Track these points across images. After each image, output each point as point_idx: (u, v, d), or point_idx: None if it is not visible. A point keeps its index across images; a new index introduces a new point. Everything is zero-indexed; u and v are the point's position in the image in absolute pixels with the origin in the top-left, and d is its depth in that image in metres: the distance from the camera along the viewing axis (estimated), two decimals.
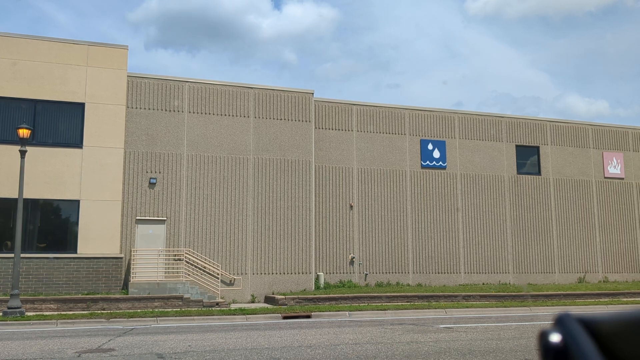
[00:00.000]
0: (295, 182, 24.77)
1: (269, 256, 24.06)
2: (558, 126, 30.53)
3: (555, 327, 0.88)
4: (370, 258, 26.19)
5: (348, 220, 26.11)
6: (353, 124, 26.93)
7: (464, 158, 28.41)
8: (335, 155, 26.40)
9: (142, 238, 22.85)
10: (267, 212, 24.25)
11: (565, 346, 0.84)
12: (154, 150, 23.36)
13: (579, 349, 0.82)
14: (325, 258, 25.56)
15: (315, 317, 18.62)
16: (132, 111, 23.37)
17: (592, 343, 0.83)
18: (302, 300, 21.76)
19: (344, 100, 27.21)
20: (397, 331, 13.10)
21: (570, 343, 0.84)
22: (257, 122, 24.71)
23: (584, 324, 0.86)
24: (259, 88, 25.05)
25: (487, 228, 28.20)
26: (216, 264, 23.05)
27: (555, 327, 0.88)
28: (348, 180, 26.40)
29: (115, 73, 23.30)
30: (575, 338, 0.84)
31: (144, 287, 21.29)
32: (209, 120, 24.18)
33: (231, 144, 24.28)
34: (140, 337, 12.79)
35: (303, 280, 24.27)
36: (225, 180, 24.00)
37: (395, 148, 27.37)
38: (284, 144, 24.91)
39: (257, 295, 23.56)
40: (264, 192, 24.35)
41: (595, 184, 30.55)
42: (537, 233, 29.05)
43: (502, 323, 15.37)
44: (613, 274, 30.01)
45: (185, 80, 24.35)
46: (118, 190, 22.66)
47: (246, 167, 24.31)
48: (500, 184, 28.85)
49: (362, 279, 25.82)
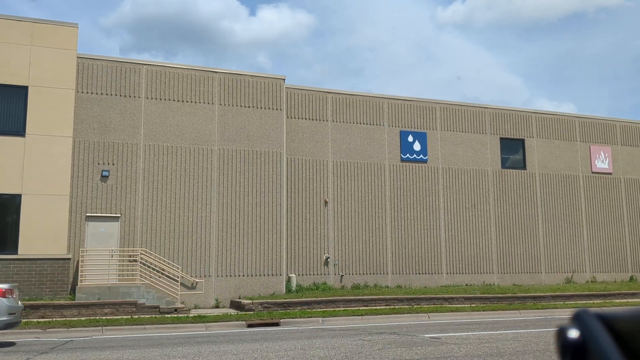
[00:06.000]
0: (264, 176, 22.68)
1: (235, 257, 21.91)
2: (544, 118, 28.95)
3: (573, 323, 0.86)
4: (346, 258, 24.22)
5: (322, 217, 24.10)
6: (328, 113, 24.93)
7: (446, 151, 26.62)
8: (308, 147, 24.37)
9: (93, 237, 20.52)
10: (233, 209, 22.10)
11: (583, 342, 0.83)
12: (106, 140, 21.05)
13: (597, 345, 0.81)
14: (298, 258, 23.50)
15: (285, 324, 16.59)
16: (82, 96, 21.03)
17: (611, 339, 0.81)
18: (271, 305, 19.70)
19: (318, 88, 25.21)
20: (376, 344, 11.10)
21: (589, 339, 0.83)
22: (222, 110, 22.55)
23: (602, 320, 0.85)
24: (224, 73, 22.90)
25: (470, 226, 26.45)
26: (176, 265, 20.83)
27: (573, 323, 0.86)
28: (323, 174, 24.40)
29: (63, 54, 20.93)
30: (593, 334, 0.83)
31: (94, 291, 19.00)
32: (168, 107, 21.94)
33: (194, 133, 22.08)
34: (68, 354, 10.59)
35: (273, 282, 22.18)
36: (187, 174, 21.79)
37: (374, 140, 25.45)
38: (252, 134, 22.78)
39: (221, 299, 21.40)
40: (230, 186, 22.20)
41: (582, 179, 29.04)
42: (523, 231, 27.41)
43: (495, 331, 13.51)
44: (601, 274, 28.52)
45: (142, 62, 22.09)
46: (66, 183, 20.31)
47: (210, 159, 22.14)
48: (484, 179, 27.13)
49: (337, 281, 23.83)
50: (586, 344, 0.83)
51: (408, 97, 26.53)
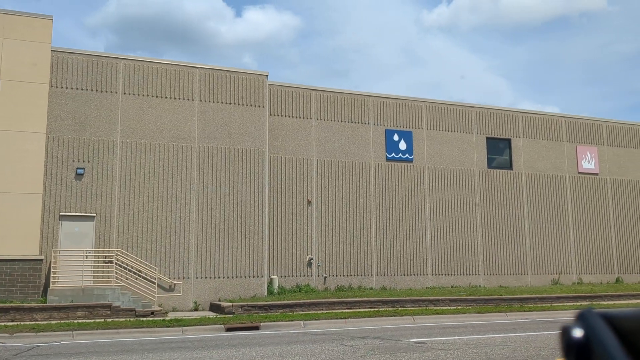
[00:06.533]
0: (246, 175, 22.04)
1: (215, 258, 21.24)
2: (530, 117, 28.62)
3: (578, 322, 0.86)
4: (330, 259, 23.65)
5: (306, 217, 23.51)
6: (312, 111, 24.35)
7: (432, 150, 26.16)
8: (292, 146, 23.77)
9: (67, 237, 19.74)
10: (213, 208, 21.44)
11: (587, 341, 0.83)
12: (82, 136, 20.29)
13: (601, 344, 0.81)
14: (280, 260, 22.89)
15: (265, 328, 15.98)
16: (56, 91, 20.25)
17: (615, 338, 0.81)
18: (252, 308, 19.07)
19: (302, 85, 24.61)
20: (359, 350, 10.54)
21: (593, 338, 0.82)
22: (203, 106, 21.88)
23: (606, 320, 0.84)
24: (205, 68, 22.22)
25: (456, 226, 26.01)
26: (153, 267, 20.11)
27: (577, 322, 0.86)
28: (306, 173, 23.82)
29: (37, 47, 20.14)
30: (597, 333, 0.82)
31: (66, 294, 18.23)
32: (147, 103, 21.23)
33: (173, 130, 21.38)
34: None
35: (254, 284, 21.54)
36: (166, 172, 21.09)
37: (359, 138, 24.92)
38: (233, 132, 22.13)
39: (201, 302, 20.71)
40: (210, 185, 21.53)
41: (569, 179, 28.75)
42: (509, 232, 27.04)
43: (482, 335, 13.01)
44: (587, 275, 28.24)
45: (120, 57, 21.34)
46: (38, 181, 19.51)
47: (190, 157, 21.45)
48: (470, 179, 26.72)
49: (320, 283, 23.25)
50: (590, 343, 0.82)
51: (394, 96, 26.04)
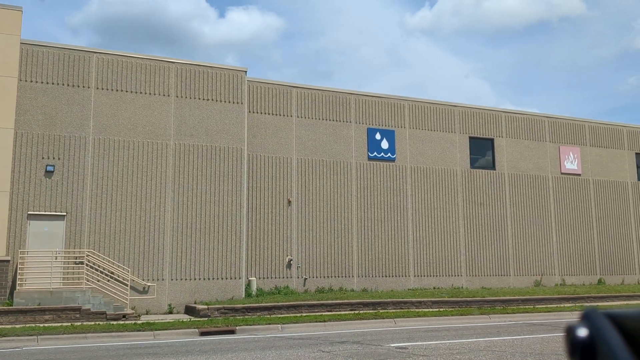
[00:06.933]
0: (224, 173, 21.39)
1: (191, 259, 20.55)
2: (513, 117, 28.34)
3: (582, 321, 0.86)
4: (310, 260, 23.08)
5: (285, 217, 22.92)
6: (293, 108, 23.78)
7: (415, 149, 25.73)
8: (271, 144, 23.17)
9: (35, 237, 18.92)
10: (189, 208, 20.75)
11: (592, 341, 0.83)
12: (52, 132, 19.49)
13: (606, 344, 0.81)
14: (259, 261, 22.26)
15: (241, 332, 15.37)
16: (25, 85, 19.42)
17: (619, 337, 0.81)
18: (229, 311, 18.44)
19: (282, 82, 24.02)
20: (337, 356, 9.99)
21: (597, 337, 0.82)
22: (179, 103, 21.19)
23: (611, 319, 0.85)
24: (181, 63, 21.53)
25: (438, 227, 25.60)
26: (126, 268, 19.36)
27: (582, 322, 0.86)
28: (286, 172, 23.23)
29: (5, 39, 19.30)
30: (602, 332, 0.83)
31: (33, 296, 17.43)
32: (120, 99, 20.48)
33: (148, 127, 20.66)
34: None
35: (232, 286, 20.89)
36: (140, 170, 20.36)
37: (340, 137, 24.39)
38: (211, 129, 21.47)
39: (176, 304, 20.01)
40: (186, 184, 20.84)
41: (551, 179, 28.52)
42: (492, 232, 26.71)
43: (465, 339, 12.55)
44: (570, 277, 28.02)
45: (93, 50, 20.58)
46: (6, 178, 18.67)
47: (165, 155, 20.75)
48: (453, 179, 26.33)
49: (300, 285, 22.67)
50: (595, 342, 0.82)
51: (376, 94, 25.57)
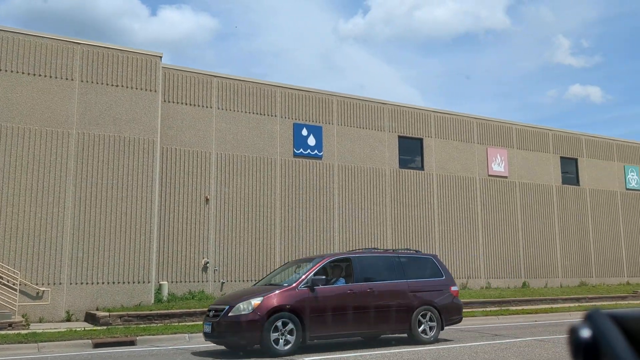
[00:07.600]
0: (133, 167, 19.51)
1: (94, 261, 18.55)
2: (442, 117, 27.88)
3: (586, 322, 0.86)
4: (229, 263, 21.53)
5: (202, 216, 21.27)
6: (213, 99, 22.17)
7: (343, 147, 24.69)
8: (188, 137, 21.47)
9: None
10: (93, 204, 18.74)
11: (595, 342, 0.83)
12: None
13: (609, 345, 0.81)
14: (171, 263, 20.49)
15: (142, 342, 13.68)
16: None
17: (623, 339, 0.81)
18: (133, 318, 16.65)
19: (202, 71, 22.37)
20: None
21: (601, 338, 0.82)
22: (84, 88, 19.14)
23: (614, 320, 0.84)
24: (88, 45, 19.49)
25: (365, 228, 24.66)
26: (15, 270, 17.15)
27: (585, 323, 0.86)
28: (204, 167, 21.59)
29: None
30: (605, 333, 0.82)
31: None
32: (16, 81, 18.24)
33: (47, 113, 18.51)
34: None
35: (140, 291, 19.03)
36: (36, 161, 18.18)
37: (264, 132, 22.99)
38: (119, 118, 19.55)
39: (75, 311, 17.96)
40: (89, 177, 18.82)
41: (479, 181, 28.25)
42: (419, 234, 26.06)
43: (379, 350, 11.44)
44: (495, 280, 27.81)
45: None
46: None
47: (66, 145, 18.65)
48: (382, 179, 25.49)
49: (217, 289, 21.06)
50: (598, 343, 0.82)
51: (303, 87, 24.36)
